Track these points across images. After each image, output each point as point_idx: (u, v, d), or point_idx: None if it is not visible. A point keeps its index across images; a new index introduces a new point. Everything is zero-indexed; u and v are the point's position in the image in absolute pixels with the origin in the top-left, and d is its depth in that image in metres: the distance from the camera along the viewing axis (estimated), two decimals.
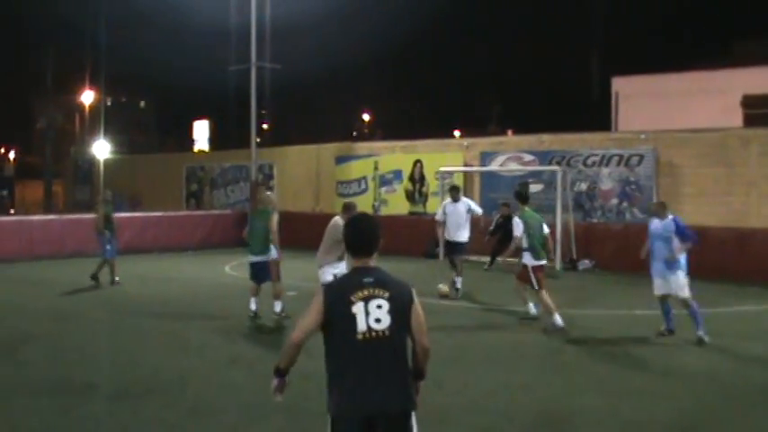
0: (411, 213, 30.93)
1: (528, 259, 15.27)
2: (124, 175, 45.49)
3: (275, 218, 15.69)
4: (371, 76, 76.66)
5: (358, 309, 5.34)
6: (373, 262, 5.63)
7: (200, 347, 13.11)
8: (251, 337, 14.15)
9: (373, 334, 5.33)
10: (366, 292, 5.40)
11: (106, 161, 48.98)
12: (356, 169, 33.14)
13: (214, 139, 76.86)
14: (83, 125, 75.73)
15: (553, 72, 69.11)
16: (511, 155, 28.78)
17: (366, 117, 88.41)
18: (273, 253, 15.68)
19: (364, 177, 32.70)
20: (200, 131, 78.48)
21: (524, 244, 15.30)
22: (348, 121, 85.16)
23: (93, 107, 68.07)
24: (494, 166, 29.02)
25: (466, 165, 29.66)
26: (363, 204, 32.43)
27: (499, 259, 24.21)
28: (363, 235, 5.68)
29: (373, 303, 5.38)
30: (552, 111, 62.87)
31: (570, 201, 25.78)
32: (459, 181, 29.21)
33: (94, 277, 20.25)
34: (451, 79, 76.70)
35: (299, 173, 35.43)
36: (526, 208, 15.99)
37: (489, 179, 29.05)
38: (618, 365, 12.18)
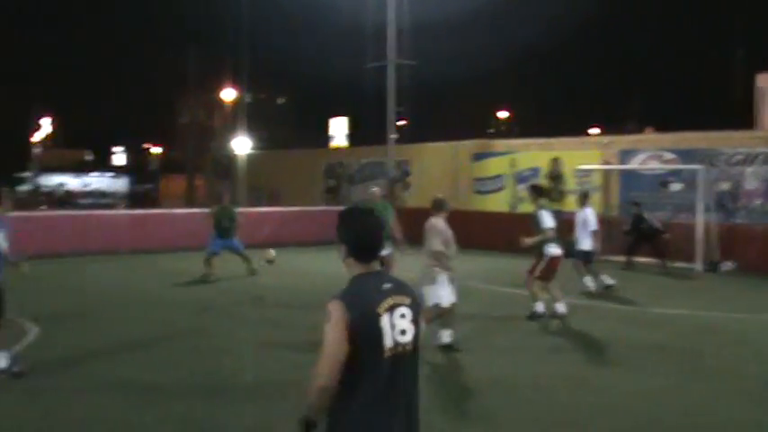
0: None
1: (554, 249, 15.32)
2: (263, 171, 46.33)
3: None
4: (509, 73, 76.20)
5: (385, 322, 4.59)
6: (377, 265, 4.88)
7: None
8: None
9: (399, 349, 4.62)
10: (390, 301, 4.66)
11: (246, 156, 49.98)
12: (493, 166, 33.07)
13: (351, 135, 77.50)
14: (223, 121, 77.26)
15: (694, 68, 67.64)
16: (651, 153, 28.33)
17: (503, 114, 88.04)
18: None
19: (501, 175, 32.62)
20: (338, 128, 79.27)
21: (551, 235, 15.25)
22: (484, 118, 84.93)
23: (234, 103, 69.40)
24: (633, 165, 28.62)
25: (604, 163, 29.32)
26: (500, 202, 32.39)
27: (638, 259, 24.00)
28: (376, 234, 4.90)
29: (397, 313, 4.65)
30: (693, 108, 61.56)
31: (712, 201, 25.25)
32: (597, 180, 28.91)
33: (252, 266, 21.20)
34: (589, 76, 75.71)
35: (436, 170, 35.51)
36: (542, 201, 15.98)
37: (628, 178, 28.65)
38: (765, 373, 11.93)
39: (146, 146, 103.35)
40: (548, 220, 15.13)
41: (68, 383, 10.82)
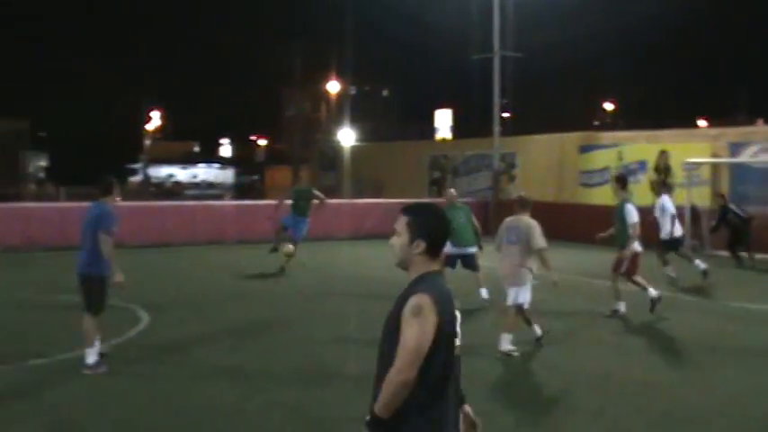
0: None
1: (638, 245, 15.17)
2: (367, 162, 46.55)
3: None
4: (614, 64, 75.33)
5: (459, 323, 4.61)
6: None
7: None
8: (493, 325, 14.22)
9: (458, 351, 4.61)
10: (456, 303, 4.63)
11: (351, 148, 50.30)
12: (600, 159, 32.71)
13: (456, 127, 77.43)
14: (328, 113, 77.92)
15: None
16: (763, 145, 27.72)
17: (608, 106, 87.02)
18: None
19: (607, 168, 32.24)
20: (443, 120, 79.21)
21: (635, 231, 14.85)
22: (590, 110, 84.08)
23: (339, 96, 69.91)
24: (744, 158, 28.03)
25: (714, 155, 28.77)
26: (606, 195, 32.01)
27: (743, 254, 23.45)
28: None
29: (457, 315, 4.62)
30: None
31: None
32: (706, 173, 28.38)
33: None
34: (697, 66, 74.35)
35: (542, 162, 35.27)
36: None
37: (739, 171, 28.08)
38: None
39: (252, 138, 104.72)
40: (633, 215, 14.80)
41: (178, 370, 11.07)
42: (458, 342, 4.57)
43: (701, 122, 63.08)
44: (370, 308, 15.63)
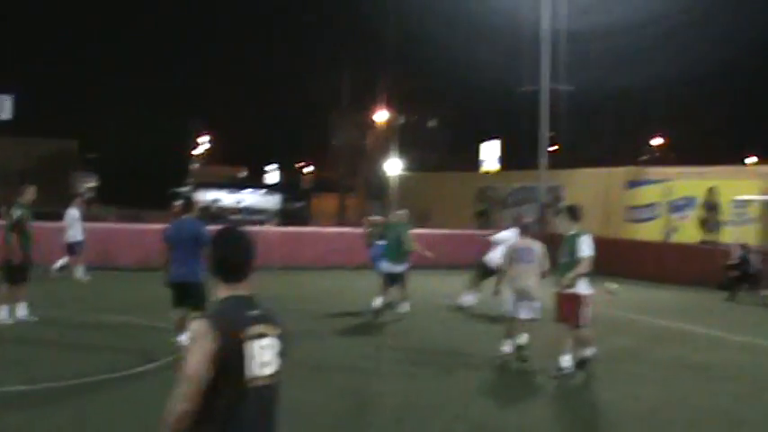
0: (703, 242, 29.99)
1: (585, 287, 12.56)
2: (413, 192, 46.62)
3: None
4: (664, 98, 74.86)
5: (248, 350, 4.27)
6: (247, 289, 4.54)
7: (484, 361, 13.24)
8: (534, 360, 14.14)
9: (259, 382, 4.29)
10: (256, 330, 4.34)
11: (397, 177, 50.40)
12: (647, 194, 32.53)
13: (503, 159, 77.29)
14: (375, 142, 78.06)
15: None
16: None
17: (657, 141, 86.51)
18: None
19: (655, 203, 32.04)
20: (490, 151, 79.09)
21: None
22: (638, 144, 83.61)
23: (386, 125, 70.07)
24: None
25: (764, 193, 28.50)
26: (653, 230, 31.79)
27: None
28: (242, 255, 4.58)
29: (262, 343, 4.33)
30: None
31: None
32: (754, 211, 28.11)
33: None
34: (748, 103, 73.68)
35: (588, 196, 35.07)
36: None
37: None
38: None
39: (299, 164, 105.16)
40: (587, 248, 12.42)
41: None
42: (266, 371, 4.32)
43: (751, 159, 62.56)
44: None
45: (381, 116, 68.26)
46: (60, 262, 23.07)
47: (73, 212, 23.10)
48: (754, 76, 72.87)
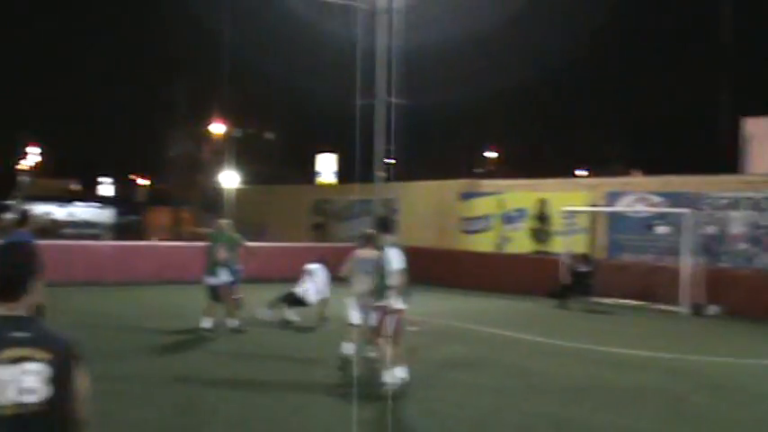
0: (535, 252, 30.76)
1: (397, 301, 12.33)
2: (250, 205, 46.28)
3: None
4: (497, 113, 76.49)
5: (5, 374, 3.84)
6: (23, 308, 4.06)
7: (324, 376, 13.23)
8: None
9: (21, 410, 3.84)
10: (16, 353, 3.89)
11: (233, 190, 49.98)
12: (480, 206, 33.13)
13: (340, 172, 77.51)
14: (212, 155, 77.27)
15: (681, 112, 67.93)
16: (638, 196, 28.43)
17: (491, 154, 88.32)
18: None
19: (489, 215, 32.68)
20: (326, 164, 79.30)
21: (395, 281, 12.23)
22: (472, 157, 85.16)
23: (222, 137, 69.45)
24: (620, 207, 28.72)
25: (592, 204, 29.40)
26: (487, 242, 32.42)
27: (620, 301, 24.17)
28: (15, 267, 4.11)
29: (24, 368, 3.87)
30: (679, 152, 61.81)
31: (698, 244, 25.32)
32: (583, 221, 28.98)
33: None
34: (577, 118, 75.99)
35: (424, 208, 35.56)
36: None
37: (615, 220, 28.75)
38: (748, 418, 11.89)
39: (133, 177, 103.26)
40: (397, 261, 12.25)
41: None
42: (28, 399, 3.85)
43: (581, 172, 64.51)
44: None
45: (217, 128, 67.62)
46: None
47: None
48: (584, 94, 75.26)
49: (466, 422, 10.88)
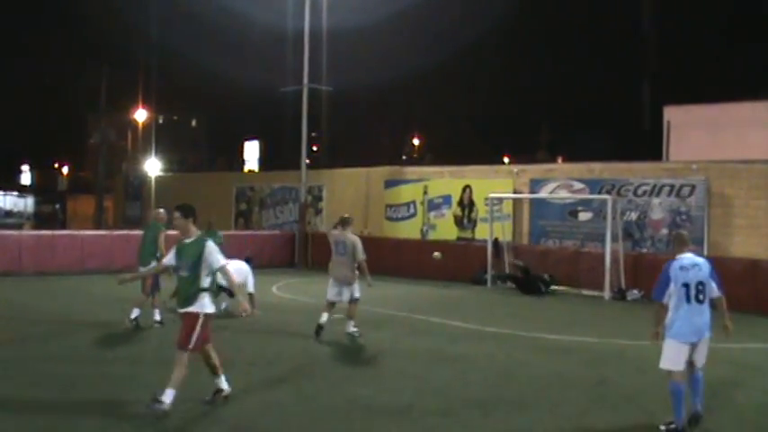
0: (459, 239, 30.88)
1: (208, 305, 10.49)
2: (174, 193, 45.81)
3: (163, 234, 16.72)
4: (422, 99, 76.71)
5: None
6: None
7: (247, 366, 13.13)
8: (297, 357, 14.11)
9: None
10: None
11: (157, 178, 49.46)
12: (405, 193, 33.18)
13: (265, 160, 77.23)
14: (135, 142, 76.44)
15: (604, 100, 68.77)
16: (561, 182, 28.69)
17: (416, 141, 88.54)
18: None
19: (413, 201, 32.72)
20: (251, 151, 78.97)
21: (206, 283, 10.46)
22: (398, 144, 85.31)
23: (146, 125, 68.72)
24: (543, 194, 28.94)
25: (515, 191, 29.59)
26: (412, 228, 32.49)
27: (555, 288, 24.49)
28: None
29: None
30: (603, 139, 62.53)
31: (620, 230, 25.61)
32: (508, 208, 29.16)
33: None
34: (501, 105, 76.44)
35: (349, 195, 35.52)
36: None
37: (539, 206, 28.97)
38: (665, 400, 12.01)
39: (54, 165, 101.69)
40: (219, 256, 10.61)
41: None
42: None
43: (506, 159, 64.95)
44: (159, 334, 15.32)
45: (141, 115, 66.85)
46: None
47: None
48: (509, 79, 75.75)
49: (390, 409, 10.86)
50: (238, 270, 18.15)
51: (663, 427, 9.98)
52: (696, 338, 10.05)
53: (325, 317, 15.88)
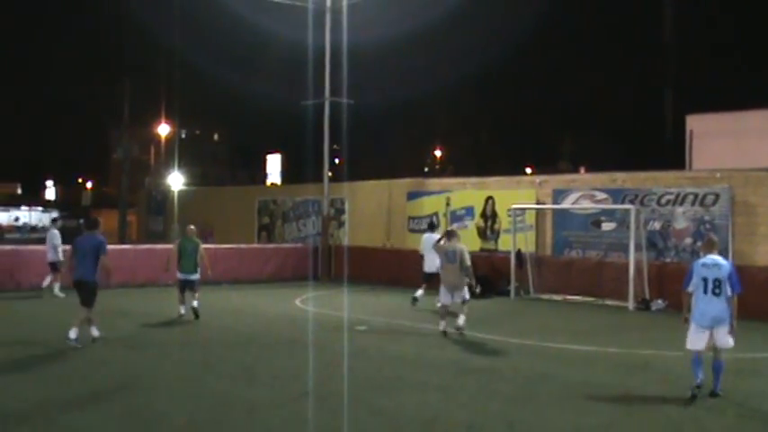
0: (482, 250, 30.80)
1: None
2: (197, 207, 45.94)
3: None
4: (444, 112, 76.74)
5: None
6: None
7: (271, 379, 13.16)
8: (322, 370, 14.12)
9: None
10: None
11: (179, 192, 49.61)
12: (428, 205, 33.13)
13: (287, 173, 77.35)
14: (158, 157, 76.74)
15: (627, 109, 68.63)
16: (583, 193, 28.58)
17: (438, 153, 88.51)
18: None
19: (436, 213, 32.67)
20: (273, 165, 79.14)
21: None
22: (420, 156, 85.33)
23: (169, 139, 69.01)
24: (566, 204, 28.85)
25: (538, 202, 29.51)
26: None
27: (570, 297, 24.29)
28: None
29: None
30: (625, 148, 62.44)
31: (643, 240, 25.49)
32: (530, 218, 29.09)
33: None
34: (523, 116, 76.39)
35: (371, 208, 35.51)
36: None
37: (562, 217, 28.88)
38: (697, 410, 11.95)
39: (78, 180, 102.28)
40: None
41: None
42: None
43: (528, 170, 64.88)
44: (192, 353, 15.32)
45: (163, 130, 67.12)
46: None
47: None
48: (531, 91, 75.64)
49: (416, 421, 10.84)
50: None
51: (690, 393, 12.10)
52: (711, 325, 12.15)
53: (443, 324, 18.08)
